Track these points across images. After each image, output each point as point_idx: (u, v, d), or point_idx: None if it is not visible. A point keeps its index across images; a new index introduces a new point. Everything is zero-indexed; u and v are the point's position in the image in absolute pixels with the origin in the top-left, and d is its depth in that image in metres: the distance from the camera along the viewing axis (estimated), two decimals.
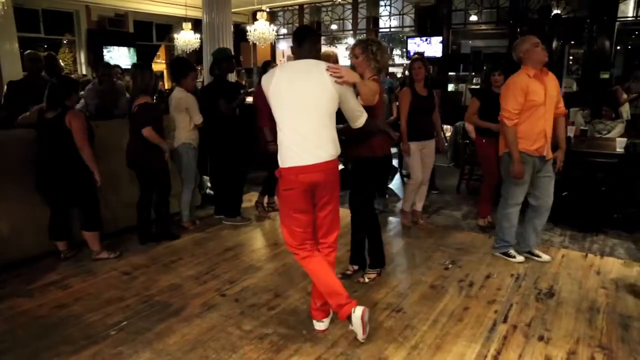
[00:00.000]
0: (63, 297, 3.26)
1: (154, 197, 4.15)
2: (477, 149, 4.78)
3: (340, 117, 2.69)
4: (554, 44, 9.23)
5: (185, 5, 11.11)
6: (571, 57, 9.93)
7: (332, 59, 3.84)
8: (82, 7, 11.12)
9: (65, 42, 11.62)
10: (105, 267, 3.74)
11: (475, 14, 10.88)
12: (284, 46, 14.44)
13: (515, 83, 3.49)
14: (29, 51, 5.49)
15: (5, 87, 5.68)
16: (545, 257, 3.84)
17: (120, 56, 11.35)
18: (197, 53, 11.63)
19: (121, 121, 4.35)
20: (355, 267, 3.58)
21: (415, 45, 11.08)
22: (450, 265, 3.79)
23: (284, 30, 14.21)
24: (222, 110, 4.44)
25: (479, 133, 4.63)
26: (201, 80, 8.29)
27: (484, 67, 12.18)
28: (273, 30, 10.65)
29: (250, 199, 5.32)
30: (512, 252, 3.87)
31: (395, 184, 6.45)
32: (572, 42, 9.59)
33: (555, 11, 9.32)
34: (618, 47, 9.76)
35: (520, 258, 3.83)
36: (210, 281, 3.50)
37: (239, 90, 5.01)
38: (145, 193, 4.12)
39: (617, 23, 8.96)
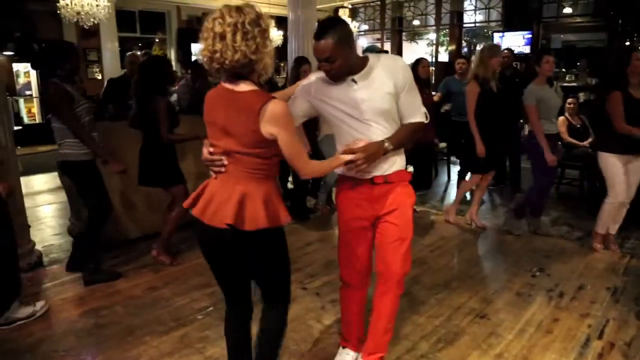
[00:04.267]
0: (154, 280, 3.47)
1: None
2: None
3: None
4: None
5: (269, 3, 11.40)
6: None
7: None
8: (173, 7, 11.79)
9: (157, 40, 12.35)
10: (194, 254, 3.91)
11: (569, 6, 10.19)
12: (364, 42, 14.40)
13: None
14: (130, 53, 5.93)
15: (106, 83, 6.17)
16: None
17: None
18: (279, 50, 11.91)
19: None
20: None
21: (500, 39, 10.59)
22: (538, 273, 3.59)
23: (365, 27, 14.16)
24: None
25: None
26: (284, 76, 8.46)
27: (578, 63, 11.46)
28: (355, 26, 10.65)
29: None
30: None
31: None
32: None
33: None
34: None
35: None
36: (292, 274, 3.56)
37: None
38: None
39: None
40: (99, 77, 10.19)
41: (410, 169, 2.20)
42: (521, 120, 5.69)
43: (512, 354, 2.59)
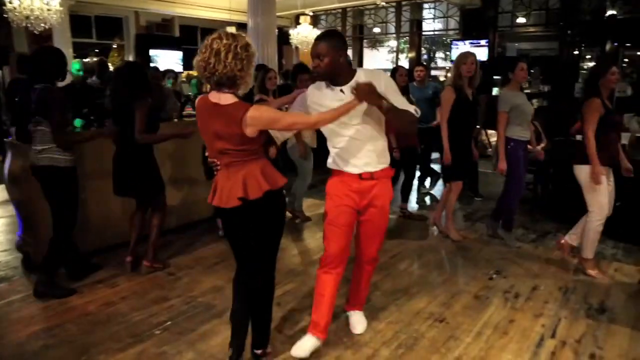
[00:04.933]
0: (110, 295, 3.36)
1: None
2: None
3: None
4: (608, 46, 8.85)
5: (230, 10, 11.34)
6: (626, 60, 9.49)
7: None
8: (131, 12, 11.55)
9: (115, 46, 12.07)
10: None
11: (523, 16, 10.58)
12: None
13: None
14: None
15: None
16: None
17: (167, 60, 11.69)
18: None
19: (169, 124, 4.46)
20: None
21: (457, 48, 10.88)
22: (494, 276, 3.68)
23: None
24: None
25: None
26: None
27: (531, 71, 11.88)
28: (316, 33, 10.70)
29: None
30: None
31: (437, 190, 6.33)
32: (628, 44, 9.17)
33: (610, 12, 8.93)
34: None
35: None
36: None
37: None
38: None
39: None
40: None
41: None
42: (477, 126, 5.85)
43: (470, 356, 2.64)
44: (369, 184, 2.49)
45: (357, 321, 2.90)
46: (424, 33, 12.46)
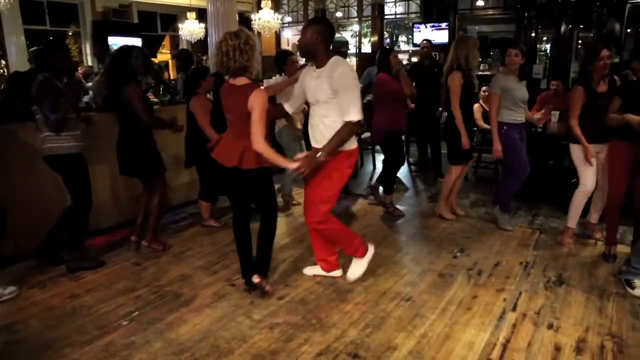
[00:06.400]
0: (75, 288, 3.29)
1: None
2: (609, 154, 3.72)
3: None
4: (562, 28, 9.09)
5: None
6: (580, 42, 9.79)
7: None
8: None
9: (70, 33, 11.60)
10: (116, 257, 3.77)
11: None
12: (289, 34, 14.36)
13: None
14: (33, 48, 5.50)
15: (9, 77, 5.69)
16: None
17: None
18: (202, 42, 11.58)
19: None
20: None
21: (419, 32, 10.98)
22: (458, 254, 3.79)
23: (288, 19, 14.10)
24: None
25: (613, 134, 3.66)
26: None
27: (491, 53, 12.10)
28: (278, 18, 10.58)
29: None
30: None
31: (402, 173, 6.43)
32: (581, 26, 9.45)
33: None
34: (629, 30, 9.58)
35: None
36: (220, 271, 3.53)
37: None
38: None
39: (628, 5, 8.79)
40: (3, 73, 9.39)
41: None
42: (440, 109, 5.95)
43: (436, 332, 2.72)
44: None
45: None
46: (385, 17, 12.48)
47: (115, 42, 11.08)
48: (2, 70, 9.53)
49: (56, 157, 3.33)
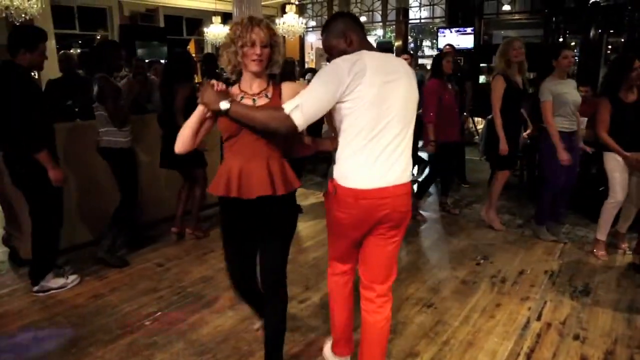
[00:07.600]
0: (100, 287, 3.35)
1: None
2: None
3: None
4: (592, 33, 8.91)
5: (215, 0, 11.21)
6: (610, 47, 9.58)
7: None
8: (114, 2, 11.34)
9: (98, 37, 11.88)
10: (139, 258, 3.83)
11: (508, 3, 10.61)
12: (313, 39, 14.41)
13: None
14: (61, 52, 5.65)
15: (45, 85, 5.84)
16: None
17: (153, 51, 11.54)
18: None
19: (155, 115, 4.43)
20: None
21: (444, 36, 10.88)
22: (482, 261, 3.74)
23: (312, 23, 14.17)
24: None
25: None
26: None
27: None
28: (302, 23, 10.64)
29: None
30: None
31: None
32: (612, 31, 9.24)
33: None
34: None
35: None
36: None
37: None
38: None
39: None
40: (35, 76, 9.66)
41: None
42: (465, 113, 5.88)
43: (458, 340, 2.68)
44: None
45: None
46: (410, 21, 12.43)
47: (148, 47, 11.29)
48: (34, 73, 9.79)
49: (111, 149, 3.57)
